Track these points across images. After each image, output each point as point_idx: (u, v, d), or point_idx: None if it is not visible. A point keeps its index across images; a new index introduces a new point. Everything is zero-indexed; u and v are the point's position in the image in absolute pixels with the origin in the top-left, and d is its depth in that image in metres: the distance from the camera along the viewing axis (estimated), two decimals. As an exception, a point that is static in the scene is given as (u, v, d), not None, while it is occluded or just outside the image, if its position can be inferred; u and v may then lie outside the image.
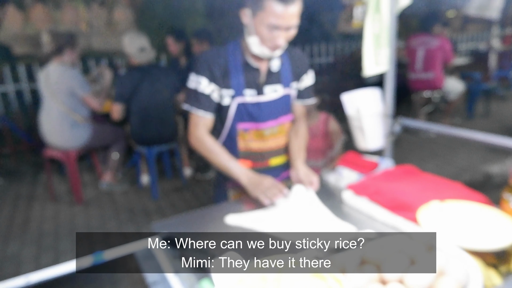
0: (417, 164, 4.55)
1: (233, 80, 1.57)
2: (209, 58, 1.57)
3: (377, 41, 1.73)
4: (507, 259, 1.08)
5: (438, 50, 4.94)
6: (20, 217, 3.60)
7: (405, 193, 1.38)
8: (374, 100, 1.87)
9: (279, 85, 1.64)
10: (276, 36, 1.43)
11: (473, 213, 1.16)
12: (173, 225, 1.40)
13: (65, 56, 3.45)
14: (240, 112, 1.61)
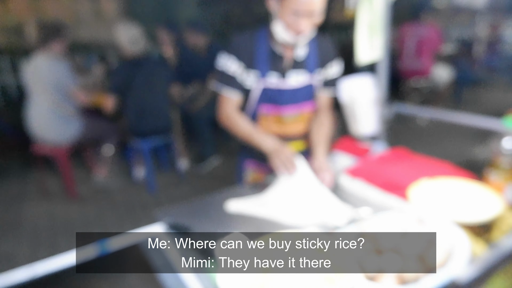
0: (414, 150, 4.60)
1: (259, 65, 1.61)
2: (239, 42, 1.62)
3: (370, 29, 1.78)
4: (490, 229, 1.15)
5: (427, 39, 5.04)
6: (11, 216, 3.54)
7: (397, 173, 1.45)
8: (367, 86, 1.93)
9: (303, 70, 1.66)
10: (300, 22, 1.45)
11: (460, 188, 1.24)
12: (177, 213, 1.42)
13: (52, 48, 3.34)
14: (263, 95, 1.65)
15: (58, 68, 3.36)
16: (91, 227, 3.29)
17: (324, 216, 1.27)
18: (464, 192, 1.22)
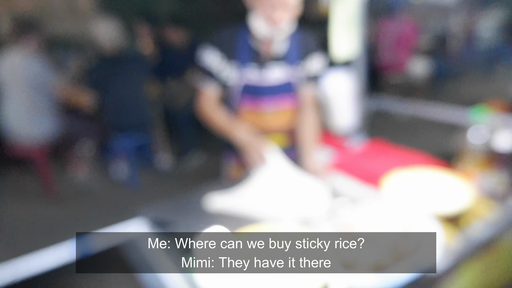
0: (393, 142, 4.66)
1: (239, 56, 1.62)
2: (221, 35, 1.63)
3: (346, 25, 1.81)
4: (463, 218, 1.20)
5: (404, 34, 5.14)
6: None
7: (373, 165, 1.49)
8: (344, 81, 1.96)
9: (283, 64, 1.65)
10: (276, 13, 1.46)
11: (433, 178, 1.28)
12: (160, 209, 1.43)
13: (26, 43, 3.25)
14: (243, 90, 1.66)
15: (33, 64, 3.26)
16: (73, 227, 3.23)
17: (301, 208, 1.29)
18: (436, 182, 1.26)
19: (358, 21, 1.80)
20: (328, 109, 2.04)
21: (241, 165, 1.82)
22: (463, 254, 1.08)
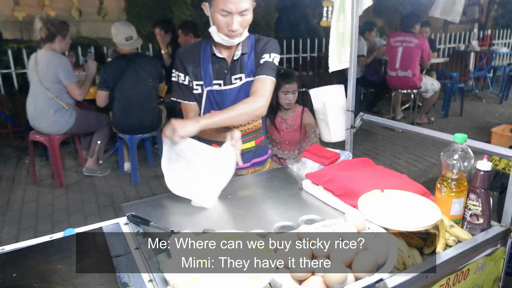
0: (389, 159, 4.72)
1: (203, 72, 1.71)
2: (182, 54, 1.73)
3: (341, 39, 1.85)
4: (432, 243, 1.22)
5: (416, 49, 5.10)
6: (1, 199, 3.68)
7: (354, 181, 1.51)
8: (339, 95, 1.99)
9: (242, 74, 1.74)
10: (230, 21, 1.53)
11: (405, 201, 1.30)
12: (140, 206, 1.52)
13: (55, 44, 3.52)
14: (209, 100, 1.75)
15: (57, 62, 3.50)
16: (72, 215, 3.37)
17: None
18: (408, 205, 1.28)
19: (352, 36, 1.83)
20: (322, 121, 2.07)
21: None
22: (420, 276, 1.11)
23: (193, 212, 1.49)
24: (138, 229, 1.35)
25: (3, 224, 3.23)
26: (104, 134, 4.05)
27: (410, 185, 1.48)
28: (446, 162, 1.31)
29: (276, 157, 2.91)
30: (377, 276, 0.96)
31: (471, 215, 1.33)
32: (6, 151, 4.94)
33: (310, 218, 1.33)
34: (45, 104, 3.57)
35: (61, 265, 1.17)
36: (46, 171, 4.31)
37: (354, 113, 1.93)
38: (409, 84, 5.34)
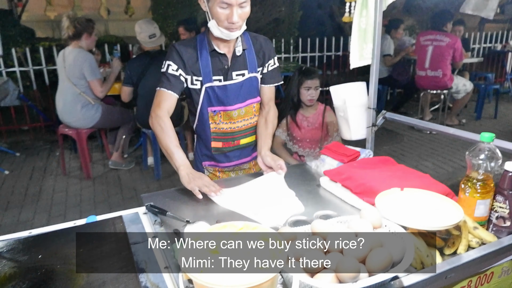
0: (415, 160, 4.60)
1: (202, 68, 1.69)
2: (180, 47, 1.69)
3: (363, 35, 1.82)
4: (454, 244, 1.19)
5: (448, 48, 4.94)
6: (34, 188, 3.84)
7: (373, 179, 1.49)
8: (359, 92, 1.96)
9: (245, 70, 1.74)
10: (230, 14, 1.52)
11: (426, 201, 1.26)
12: (159, 197, 1.55)
13: (82, 41, 3.65)
14: (209, 96, 1.73)
15: (83, 59, 3.62)
16: (98, 205, 3.47)
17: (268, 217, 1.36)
18: (429, 204, 1.25)
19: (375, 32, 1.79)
20: (343, 118, 2.04)
21: (215, 170, 1.95)
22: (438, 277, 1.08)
23: (209, 204, 1.50)
24: (155, 218, 1.37)
25: (35, 211, 3.37)
26: (128, 129, 4.14)
27: (432, 185, 1.44)
28: (472, 162, 1.27)
29: (297, 154, 2.90)
30: (392, 273, 0.94)
31: (498, 217, 1.28)
32: (38, 144, 5.14)
33: (325, 213, 1.31)
34: (72, 99, 3.69)
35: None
36: (74, 163, 4.45)
37: (375, 111, 1.90)
38: (439, 84, 5.18)
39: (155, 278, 1.09)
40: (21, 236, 1.29)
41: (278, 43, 6.62)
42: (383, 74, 5.98)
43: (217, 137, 1.81)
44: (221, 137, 1.82)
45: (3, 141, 5.18)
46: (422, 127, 1.82)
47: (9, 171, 4.23)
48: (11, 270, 1.10)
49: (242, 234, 0.96)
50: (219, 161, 1.88)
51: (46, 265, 1.12)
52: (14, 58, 5.06)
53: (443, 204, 1.23)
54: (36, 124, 5.39)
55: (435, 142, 5.11)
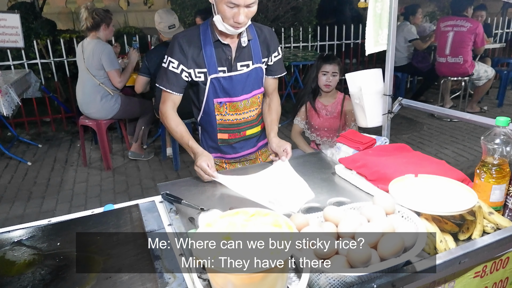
0: (434, 149, 4.52)
1: (206, 59, 1.67)
2: (182, 39, 1.66)
3: (378, 21, 1.79)
4: (468, 229, 1.17)
5: (469, 33, 4.80)
6: (56, 179, 3.95)
7: (387, 166, 1.47)
8: (375, 79, 1.93)
9: (250, 61, 1.73)
10: (236, 13, 1.49)
11: (440, 187, 1.25)
12: (174, 186, 1.58)
13: (100, 32, 3.70)
14: (215, 87, 1.71)
15: (101, 50, 3.67)
16: (118, 195, 3.55)
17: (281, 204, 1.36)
18: (443, 190, 1.23)
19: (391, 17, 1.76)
20: (359, 106, 2.02)
21: (221, 162, 1.96)
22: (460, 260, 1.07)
23: (223, 193, 1.52)
24: (171, 206, 1.40)
25: (57, 202, 3.47)
26: (147, 120, 4.20)
27: (448, 171, 1.42)
28: (487, 146, 1.25)
29: (315, 143, 2.89)
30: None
31: (514, 202, 1.26)
32: (59, 135, 5.27)
33: (338, 200, 1.31)
34: (92, 90, 3.75)
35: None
36: (95, 154, 4.55)
37: (391, 98, 1.87)
38: (460, 71, 5.05)
39: (170, 265, 1.12)
40: (41, 224, 1.33)
41: (297, 32, 6.55)
42: (403, 61, 5.86)
43: (223, 128, 1.82)
44: (227, 129, 1.82)
45: (26, 132, 5.33)
46: (438, 113, 1.79)
47: (31, 162, 4.35)
48: (31, 257, 1.14)
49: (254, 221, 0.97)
50: (225, 153, 1.89)
51: (64, 251, 1.16)
52: (35, 50, 5.17)
53: (457, 189, 1.22)
54: (57, 115, 5.52)
55: (456, 130, 5.00)
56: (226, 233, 0.92)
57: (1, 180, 3.94)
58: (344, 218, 1.04)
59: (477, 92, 5.52)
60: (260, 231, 0.92)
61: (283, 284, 0.89)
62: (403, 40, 5.71)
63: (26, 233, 1.27)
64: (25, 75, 4.59)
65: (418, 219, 1.07)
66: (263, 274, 0.80)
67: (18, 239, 1.23)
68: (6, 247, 1.19)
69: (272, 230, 0.92)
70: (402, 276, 0.98)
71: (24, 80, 4.52)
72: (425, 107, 1.79)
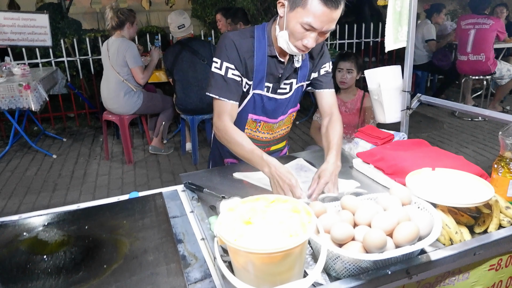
0: (454, 147, 4.47)
1: (256, 72, 1.51)
2: (236, 43, 1.47)
3: (398, 18, 1.80)
4: (484, 222, 1.19)
5: (491, 31, 4.72)
6: (79, 172, 4.08)
7: (405, 160, 1.50)
8: (394, 75, 1.95)
9: (294, 80, 1.60)
10: (309, 37, 1.32)
11: (457, 180, 1.27)
12: (196, 176, 1.63)
13: (124, 30, 3.83)
14: (255, 103, 1.58)
15: (126, 47, 3.79)
16: (139, 188, 3.64)
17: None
18: (460, 184, 1.25)
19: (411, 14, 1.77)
20: (377, 102, 2.04)
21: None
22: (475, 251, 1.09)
23: (243, 182, 1.57)
24: (193, 195, 1.45)
25: (80, 193, 3.60)
26: (168, 115, 4.30)
27: (465, 166, 1.43)
28: (505, 141, 1.26)
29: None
30: (419, 245, 0.96)
31: (531, 197, 1.26)
32: (83, 130, 5.44)
33: (355, 191, 1.34)
34: (116, 87, 3.87)
35: (126, 221, 1.31)
36: (117, 148, 4.68)
37: (410, 94, 1.89)
38: (482, 69, 4.97)
39: (192, 248, 1.18)
40: (70, 209, 1.41)
41: (316, 30, 6.57)
42: (423, 59, 5.80)
43: None
44: (254, 143, 1.54)
45: (51, 127, 5.51)
46: (457, 109, 1.79)
47: (56, 155, 4.51)
48: (62, 238, 1.22)
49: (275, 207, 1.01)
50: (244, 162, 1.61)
51: (92, 234, 1.23)
52: (62, 49, 5.34)
53: (474, 183, 1.23)
54: (81, 111, 5.69)
55: (477, 129, 4.93)
56: (247, 217, 0.97)
57: (28, 171, 4.10)
58: (361, 207, 1.07)
59: (500, 91, 5.42)
60: (280, 216, 0.97)
61: (301, 267, 0.93)
62: (423, 38, 5.65)
63: (56, 216, 1.34)
64: (52, 72, 4.76)
65: (434, 210, 1.09)
66: (282, 255, 0.84)
67: (49, 222, 1.31)
68: (39, 229, 1.27)
69: (292, 215, 0.97)
70: (416, 264, 1.01)
71: (51, 77, 4.68)
72: (444, 104, 1.80)
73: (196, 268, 1.08)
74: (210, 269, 1.07)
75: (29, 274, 1.05)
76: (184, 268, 1.07)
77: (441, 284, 1.12)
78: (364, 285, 0.95)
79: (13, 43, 4.82)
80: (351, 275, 0.97)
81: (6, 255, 1.14)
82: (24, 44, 4.90)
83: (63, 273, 1.04)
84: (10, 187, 3.76)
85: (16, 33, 4.77)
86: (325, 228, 1.02)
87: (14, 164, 4.30)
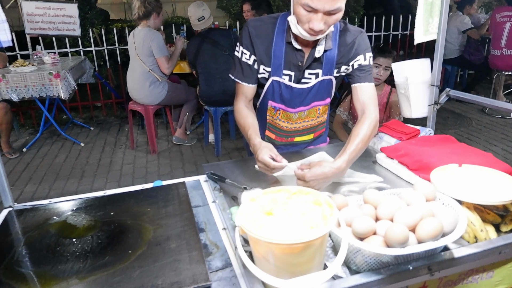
0: (483, 145, 4.35)
1: (274, 58, 1.52)
2: (254, 30, 1.51)
3: (429, 9, 1.75)
4: (511, 221, 1.16)
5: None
6: (106, 160, 4.19)
7: (430, 156, 1.47)
8: (422, 69, 1.90)
9: (320, 70, 1.54)
10: (313, 19, 1.29)
11: (484, 177, 1.23)
12: (218, 167, 1.66)
13: (151, 20, 3.87)
14: (273, 90, 1.59)
15: (151, 37, 3.83)
16: (162, 177, 3.71)
17: None
18: (488, 181, 1.22)
19: (442, 6, 1.72)
20: (404, 96, 2.01)
21: None
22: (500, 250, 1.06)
23: (265, 174, 1.56)
24: (215, 185, 1.47)
25: (106, 180, 3.70)
26: (191, 107, 4.35)
27: (494, 163, 1.39)
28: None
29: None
30: (442, 242, 0.95)
31: None
32: (110, 120, 5.56)
33: (378, 186, 1.33)
34: (141, 77, 3.93)
35: (150, 208, 1.34)
36: (142, 138, 4.77)
37: (439, 88, 1.84)
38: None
39: (214, 237, 1.20)
40: (97, 195, 1.46)
41: (343, 22, 6.47)
42: (454, 54, 5.62)
43: (271, 128, 1.74)
44: (275, 131, 1.74)
45: (79, 116, 5.67)
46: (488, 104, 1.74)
47: (84, 143, 4.64)
48: (89, 223, 1.26)
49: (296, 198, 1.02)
50: None
51: (118, 220, 1.27)
52: (90, 39, 5.46)
53: (502, 180, 1.20)
54: (108, 101, 5.81)
55: (507, 126, 4.76)
56: (268, 208, 0.98)
57: (57, 158, 4.25)
58: (383, 201, 1.06)
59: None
60: (301, 208, 0.97)
61: (321, 259, 0.94)
62: (456, 31, 5.47)
63: (84, 202, 1.39)
64: (80, 62, 4.87)
65: (459, 206, 1.07)
66: (302, 246, 0.85)
67: (77, 207, 1.36)
68: (68, 213, 1.32)
69: (313, 208, 0.97)
70: (439, 260, 0.99)
71: (80, 66, 4.80)
72: (474, 99, 1.75)
73: (218, 257, 1.10)
74: (231, 258, 1.09)
75: (58, 256, 1.09)
76: (206, 257, 1.09)
77: (464, 281, 1.10)
78: (385, 280, 0.94)
79: (44, 32, 4.94)
80: (372, 269, 0.96)
81: (37, 237, 1.19)
82: (54, 34, 5.02)
83: (90, 257, 1.08)
84: (41, 173, 3.90)
85: (47, 22, 4.89)
86: (346, 221, 1.02)
87: (44, 151, 4.45)
